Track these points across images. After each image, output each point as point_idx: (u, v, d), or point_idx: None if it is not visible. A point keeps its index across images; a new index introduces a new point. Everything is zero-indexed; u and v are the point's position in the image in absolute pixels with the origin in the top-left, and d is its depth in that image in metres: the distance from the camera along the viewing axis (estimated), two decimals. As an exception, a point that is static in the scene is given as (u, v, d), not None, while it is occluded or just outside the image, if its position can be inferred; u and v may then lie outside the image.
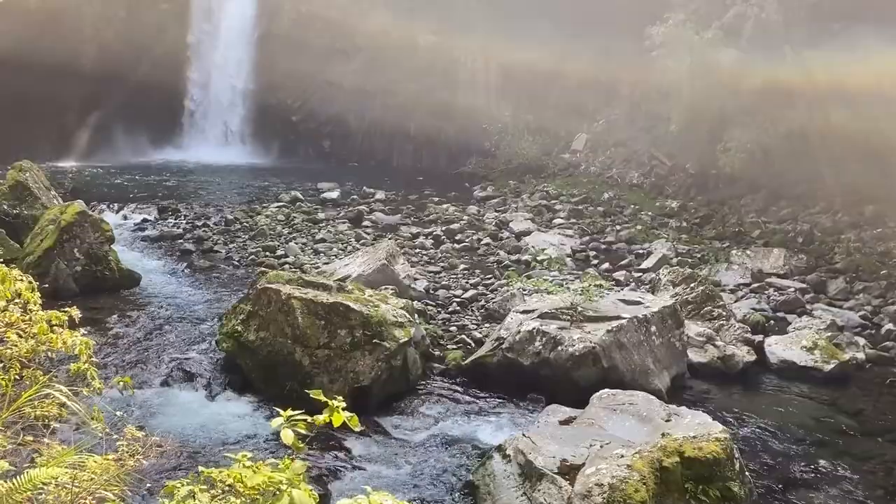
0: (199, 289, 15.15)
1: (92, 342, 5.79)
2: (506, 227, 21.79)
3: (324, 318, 10.63)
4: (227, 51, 35.05)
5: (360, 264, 15.27)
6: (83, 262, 14.15)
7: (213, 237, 19.04)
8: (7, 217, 15.58)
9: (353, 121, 34.87)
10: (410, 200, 25.56)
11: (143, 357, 11.45)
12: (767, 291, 16.25)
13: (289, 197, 23.82)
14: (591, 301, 11.86)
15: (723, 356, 12.53)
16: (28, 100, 29.45)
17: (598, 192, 25.51)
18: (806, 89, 19.85)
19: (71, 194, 20.54)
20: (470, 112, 33.44)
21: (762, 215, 21.15)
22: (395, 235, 20.04)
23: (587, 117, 31.23)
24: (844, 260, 17.52)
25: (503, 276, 16.56)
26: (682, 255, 18.76)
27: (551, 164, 29.94)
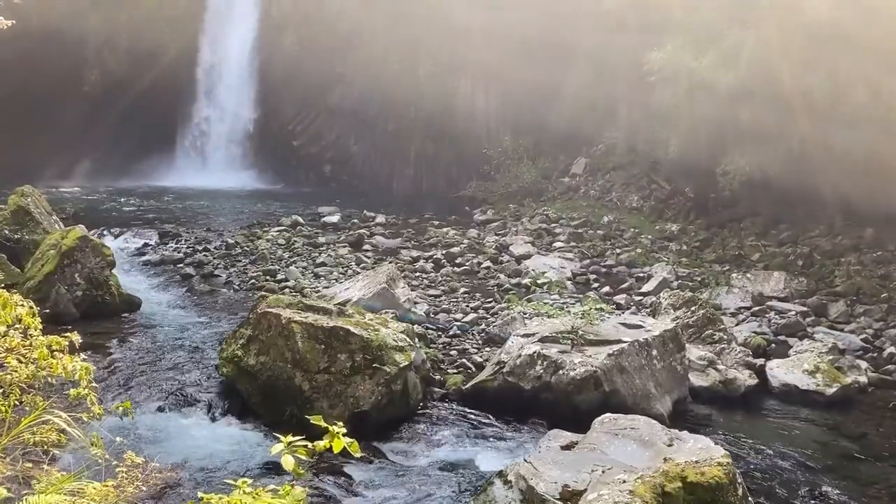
0: (199, 313, 15.14)
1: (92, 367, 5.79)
2: (506, 250, 21.82)
3: (324, 343, 10.61)
4: (229, 77, 35.37)
5: (361, 288, 15.28)
6: (84, 287, 14.16)
7: (214, 261, 19.06)
8: (8, 242, 15.62)
9: (354, 145, 35.09)
10: (411, 224, 25.62)
11: (143, 382, 11.42)
12: (768, 315, 16.23)
13: (289, 221, 23.89)
14: (591, 325, 11.84)
15: (724, 380, 12.48)
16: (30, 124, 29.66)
17: (597, 216, 25.58)
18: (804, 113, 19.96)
19: (72, 219, 20.62)
20: (469, 136, 33.65)
21: (762, 238, 21.19)
22: (395, 259, 20.06)
23: (586, 141, 31.39)
24: (845, 283, 17.52)
25: (504, 300, 16.56)
26: (682, 279, 18.76)
27: (551, 187, 30.05)
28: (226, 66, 35.48)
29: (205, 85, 35.58)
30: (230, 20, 35.60)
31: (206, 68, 35.49)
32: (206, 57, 35.53)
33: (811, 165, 20.08)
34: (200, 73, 35.44)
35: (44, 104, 30.13)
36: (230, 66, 35.43)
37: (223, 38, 35.53)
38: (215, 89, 35.60)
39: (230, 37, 35.46)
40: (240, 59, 35.44)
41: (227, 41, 35.47)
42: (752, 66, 20.27)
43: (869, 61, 18.67)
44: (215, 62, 35.56)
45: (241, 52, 35.41)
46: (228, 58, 35.44)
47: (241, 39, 35.35)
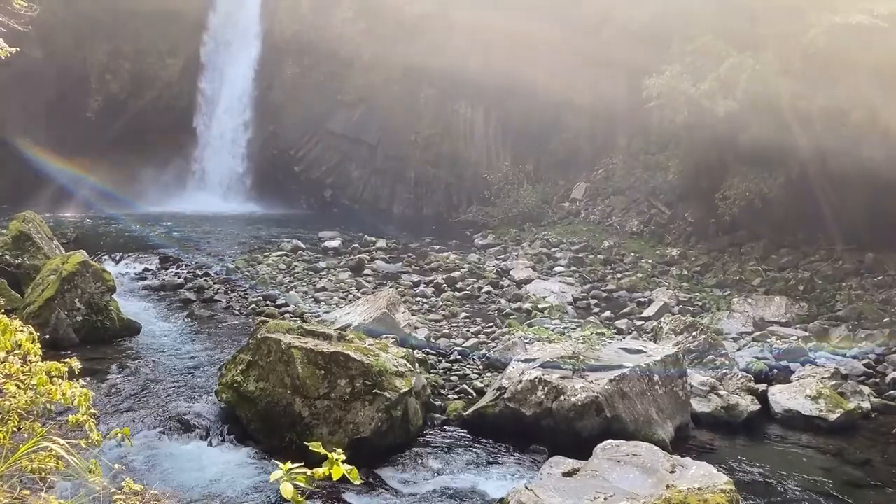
0: (199, 338, 15.09)
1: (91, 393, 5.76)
2: (506, 274, 21.81)
3: (324, 368, 10.57)
4: (230, 102, 35.60)
5: (361, 313, 15.26)
6: (84, 312, 14.14)
7: (214, 286, 19.05)
8: (9, 267, 15.62)
9: (355, 170, 35.21)
10: (411, 249, 25.65)
11: (142, 408, 11.36)
12: (770, 340, 16.18)
13: (290, 246, 23.92)
14: (593, 350, 11.81)
15: (726, 405, 12.41)
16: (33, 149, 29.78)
17: (598, 240, 25.61)
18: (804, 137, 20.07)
19: (73, 244, 20.64)
20: (470, 161, 33.81)
21: (763, 263, 21.19)
22: (395, 284, 20.05)
23: (586, 166, 31.53)
24: (846, 308, 17.50)
25: (504, 325, 16.53)
26: (683, 304, 18.74)
27: (551, 212, 30.13)
28: (227, 91, 35.73)
29: (206, 110, 35.81)
30: (232, 46, 35.94)
31: (207, 94, 35.74)
32: (207, 83, 35.80)
33: (811, 190, 20.17)
34: (201, 99, 35.69)
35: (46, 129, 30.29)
36: (231, 92, 35.68)
37: (225, 63, 35.83)
38: (216, 115, 35.82)
39: (231, 63, 35.76)
40: (241, 85, 35.70)
41: (229, 67, 35.76)
42: (750, 91, 20.43)
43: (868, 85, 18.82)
44: (216, 88, 35.82)
45: (242, 77, 35.68)
46: (230, 83, 35.70)
47: (242, 65, 35.64)
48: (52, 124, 30.50)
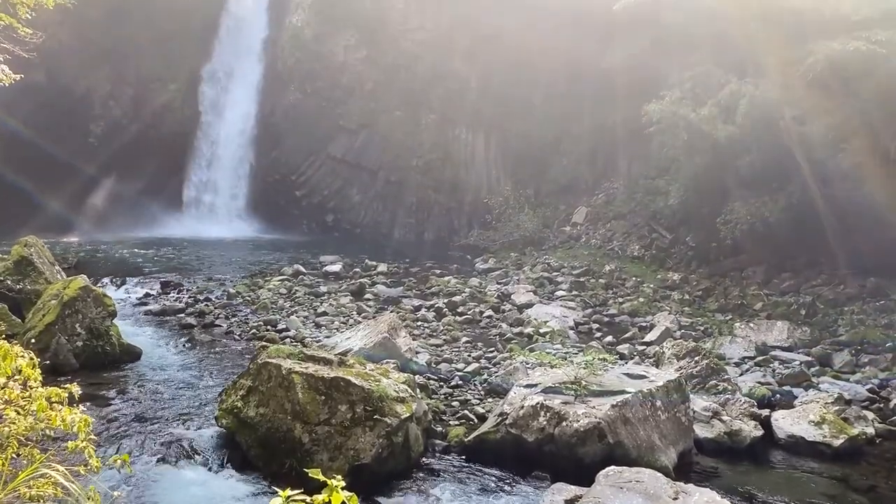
0: (199, 363, 15.04)
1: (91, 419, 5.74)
2: (508, 299, 21.78)
3: (324, 394, 10.51)
4: (232, 128, 35.85)
5: (362, 337, 15.21)
6: (84, 337, 14.11)
7: (215, 311, 19.03)
8: (10, 292, 15.62)
9: (356, 194, 35.36)
10: (412, 273, 25.65)
11: (141, 433, 11.28)
12: (772, 364, 16.11)
13: (291, 270, 23.95)
14: (595, 375, 11.75)
15: (730, 431, 12.32)
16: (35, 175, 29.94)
17: (599, 265, 25.61)
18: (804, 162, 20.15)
19: (75, 269, 20.69)
20: (471, 185, 33.96)
21: (764, 287, 21.17)
22: (396, 308, 20.03)
23: (586, 191, 31.67)
24: (849, 332, 17.44)
25: (506, 350, 16.47)
26: (685, 328, 18.69)
27: (552, 236, 30.19)
28: (229, 117, 36.01)
29: (208, 136, 36.05)
30: (234, 73, 36.28)
31: (209, 119, 36.00)
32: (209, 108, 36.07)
33: (812, 214, 20.21)
34: (203, 125, 35.94)
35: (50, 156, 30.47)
36: (233, 118, 35.96)
37: (227, 90, 36.14)
38: (219, 140, 36.06)
39: (234, 89, 36.08)
40: (243, 111, 35.98)
41: (231, 93, 36.07)
42: (750, 116, 20.56)
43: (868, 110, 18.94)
44: (218, 113, 36.09)
45: (245, 103, 35.98)
46: (232, 109, 35.99)
47: (245, 92, 35.96)
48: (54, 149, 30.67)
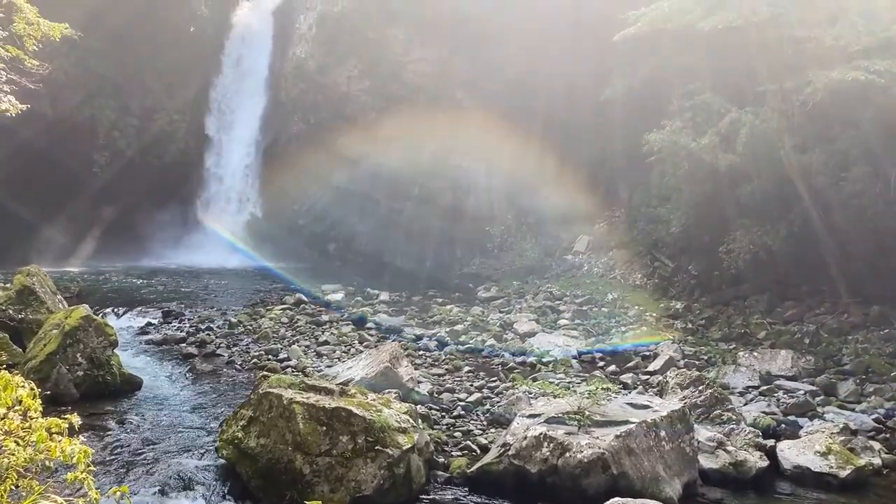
0: (200, 393, 14.97)
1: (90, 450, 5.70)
2: (510, 328, 21.71)
3: (325, 424, 10.44)
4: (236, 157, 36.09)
5: (363, 367, 15.14)
6: (85, 367, 14.06)
7: (216, 340, 18.98)
8: (12, 322, 15.61)
9: (359, 223, 35.47)
10: (414, 301, 25.61)
11: (141, 464, 11.19)
12: (777, 394, 15.98)
13: (293, 299, 23.93)
14: (598, 405, 11.66)
15: (735, 462, 12.19)
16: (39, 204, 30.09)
17: (601, 293, 25.55)
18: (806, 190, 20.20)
19: (77, 298, 20.71)
20: (473, 214, 34.05)
21: (767, 316, 21.09)
22: (398, 337, 19.97)
23: (588, 219, 31.72)
24: (853, 361, 17.33)
25: (508, 379, 16.37)
26: (688, 357, 18.59)
27: (554, 264, 30.19)
28: (233, 147, 36.27)
29: (211, 165, 36.27)
30: (239, 103, 36.61)
31: (212, 149, 36.26)
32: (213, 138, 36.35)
33: (814, 243, 20.20)
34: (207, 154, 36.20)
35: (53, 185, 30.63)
36: (237, 148, 36.23)
37: (231, 119, 36.45)
38: (222, 170, 36.28)
39: (238, 119, 36.39)
40: (247, 141, 36.26)
41: (236, 123, 36.38)
42: (750, 145, 20.65)
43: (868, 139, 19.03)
44: (222, 143, 36.36)
45: (248, 133, 36.27)
46: (236, 139, 36.26)
47: (249, 122, 36.27)
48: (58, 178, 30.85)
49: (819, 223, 19.93)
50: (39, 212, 30.09)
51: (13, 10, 17.50)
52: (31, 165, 30.25)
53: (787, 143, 20.18)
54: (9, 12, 17.87)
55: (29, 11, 17.86)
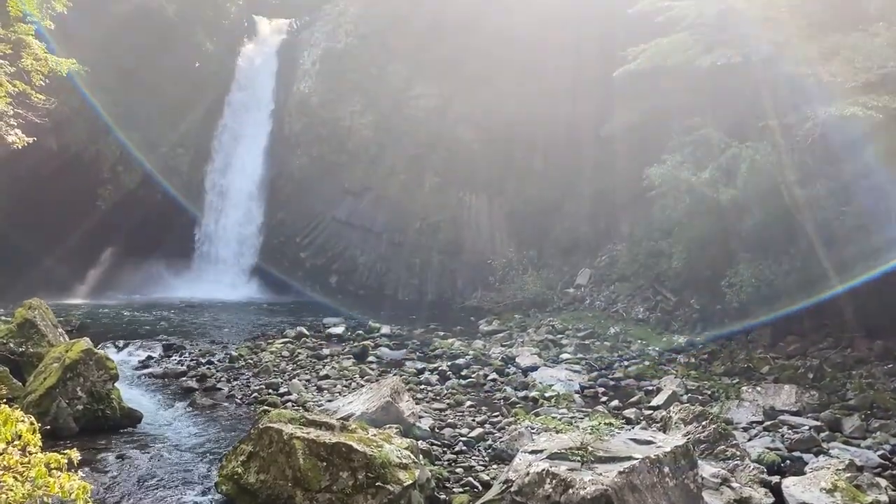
0: (200, 428, 14.87)
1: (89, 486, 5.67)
2: (512, 362, 21.60)
3: (326, 460, 10.35)
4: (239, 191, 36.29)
5: (364, 402, 15.05)
6: (85, 401, 13.99)
7: (217, 374, 18.91)
8: (13, 355, 15.58)
9: (360, 256, 35.53)
10: (416, 335, 25.53)
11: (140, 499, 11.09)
12: (781, 429, 15.84)
13: (294, 332, 23.88)
14: (601, 440, 11.56)
15: (739, 498, 12.05)
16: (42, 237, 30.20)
17: (603, 327, 25.48)
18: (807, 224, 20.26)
19: (78, 331, 20.69)
20: (474, 247, 34.12)
21: (770, 350, 21.00)
22: (399, 371, 19.87)
23: (589, 252, 31.77)
24: (858, 396, 17.20)
25: (510, 414, 16.24)
26: (691, 392, 18.46)
27: (556, 298, 30.14)
28: (236, 181, 36.50)
29: (214, 199, 36.47)
30: (243, 138, 36.93)
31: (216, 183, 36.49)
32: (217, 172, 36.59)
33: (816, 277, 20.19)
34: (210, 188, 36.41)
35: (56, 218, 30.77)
36: (241, 181, 36.45)
37: (235, 154, 36.74)
38: (225, 203, 36.46)
39: (242, 153, 36.68)
40: (250, 175, 36.49)
41: (239, 157, 36.66)
42: (751, 180, 20.76)
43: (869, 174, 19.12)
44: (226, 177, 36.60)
45: (251, 167, 36.52)
46: (239, 173, 36.51)
47: (252, 156, 36.55)
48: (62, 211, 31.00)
49: (821, 257, 19.95)
50: (42, 244, 30.19)
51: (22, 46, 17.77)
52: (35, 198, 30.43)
53: (788, 178, 20.29)
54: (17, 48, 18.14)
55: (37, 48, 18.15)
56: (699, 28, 21.46)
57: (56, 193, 31.14)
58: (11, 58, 17.81)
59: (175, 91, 34.97)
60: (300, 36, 39.23)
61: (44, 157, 28.79)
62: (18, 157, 23.17)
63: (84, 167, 32.74)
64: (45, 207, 30.69)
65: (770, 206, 21.02)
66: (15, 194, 29.70)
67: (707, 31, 21.38)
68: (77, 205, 31.91)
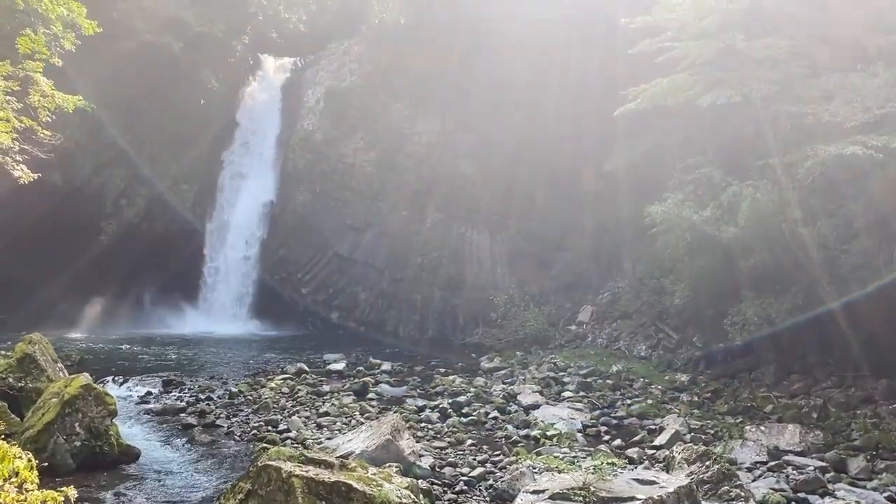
0: (198, 465, 14.72)
1: (85, 526, 5.59)
2: (514, 399, 21.43)
3: (325, 499, 10.21)
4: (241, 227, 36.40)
5: (364, 439, 14.90)
6: (83, 437, 13.87)
7: (216, 410, 18.78)
8: (12, 390, 15.49)
9: (362, 292, 35.50)
10: (416, 371, 25.38)
11: (135, 540, 10.94)
12: (786, 470, 15.64)
13: (294, 369, 23.76)
14: (604, 480, 11.43)
15: (745, 541, 11.87)
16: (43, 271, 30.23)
17: (606, 365, 25.34)
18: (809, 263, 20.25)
19: (78, 366, 20.60)
20: (476, 283, 34.08)
21: (774, 389, 20.84)
22: (400, 408, 19.72)
23: (591, 289, 31.73)
24: (863, 437, 17.01)
25: (512, 453, 16.08)
26: (695, 431, 18.29)
27: (557, 335, 30.03)
28: (239, 216, 36.67)
29: (217, 234, 36.59)
30: (247, 174, 37.21)
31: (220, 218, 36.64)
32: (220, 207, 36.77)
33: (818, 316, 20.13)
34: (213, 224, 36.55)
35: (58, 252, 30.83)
36: (244, 217, 36.62)
37: (239, 189, 36.97)
38: (227, 238, 36.57)
39: (245, 189, 36.91)
40: (253, 210, 36.67)
41: (243, 193, 36.88)
42: (752, 218, 20.81)
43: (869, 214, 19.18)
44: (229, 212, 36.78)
45: (255, 203, 36.72)
46: (242, 208, 36.69)
47: (255, 191, 36.77)
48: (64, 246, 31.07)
49: (823, 295, 19.91)
50: (43, 277, 30.19)
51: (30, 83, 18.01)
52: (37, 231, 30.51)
53: (789, 216, 20.34)
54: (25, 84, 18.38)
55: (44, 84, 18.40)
56: (699, 68, 21.71)
57: (59, 226, 31.25)
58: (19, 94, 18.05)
59: (180, 127, 35.30)
60: (304, 74, 39.73)
61: (48, 191, 28.91)
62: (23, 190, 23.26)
63: (87, 201, 32.89)
64: (47, 240, 30.77)
65: (772, 244, 21.04)
66: (18, 227, 29.79)
67: (707, 71, 21.62)
68: (79, 238, 32.00)
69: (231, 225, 36.65)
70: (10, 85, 17.26)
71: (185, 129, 35.46)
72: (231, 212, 36.78)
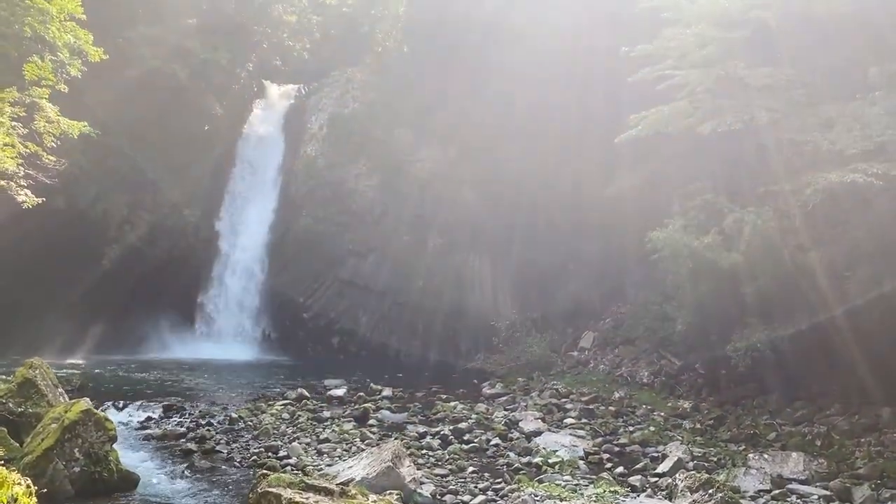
0: (197, 491, 14.62)
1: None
2: (515, 426, 21.30)
3: (326, 526, 10.15)
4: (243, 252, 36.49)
5: (365, 466, 14.82)
6: (82, 463, 13.80)
7: (216, 436, 18.68)
8: (11, 415, 15.44)
9: (363, 317, 35.49)
10: (417, 398, 25.26)
11: (133, 567, 10.85)
12: (790, 498, 15.49)
13: (295, 394, 23.68)
14: (605, 509, 11.35)
15: (749, 571, 11.74)
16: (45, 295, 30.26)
17: (608, 391, 25.23)
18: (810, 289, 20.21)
19: (78, 391, 20.54)
20: (477, 308, 34.05)
21: (777, 416, 20.71)
22: (401, 435, 19.61)
23: (593, 315, 31.68)
24: (867, 465, 16.86)
25: (514, 481, 15.95)
26: (697, 459, 18.15)
27: (559, 361, 29.92)
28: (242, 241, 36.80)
29: (219, 259, 36.67)
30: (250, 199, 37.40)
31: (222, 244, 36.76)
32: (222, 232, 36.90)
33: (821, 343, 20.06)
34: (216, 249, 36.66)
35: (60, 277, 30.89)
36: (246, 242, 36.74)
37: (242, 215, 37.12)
38: (229, 263, 36.64)
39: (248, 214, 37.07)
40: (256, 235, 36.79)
41: (245, 218, 37.03)
42: (753, 245, 20.83)
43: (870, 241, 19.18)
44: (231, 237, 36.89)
45: (257, 228, 36.84)
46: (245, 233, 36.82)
47: (258, 217, 36.92)
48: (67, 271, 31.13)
49: (825, 322, 19.85)
50: (44, 302, 30.22)
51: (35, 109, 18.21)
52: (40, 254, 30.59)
53: (790, 243, 20.36)
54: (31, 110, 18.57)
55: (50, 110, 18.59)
56: (700, 95, 21.87)
57: (62, 250, 31.33)
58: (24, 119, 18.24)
59: (184, 152, 35.53)
60: (308, 101, 40.08)
61: (51, 216, 29.03)
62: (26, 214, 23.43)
63: (91, 226, 33.02)
64: (49, 264, 30.83)
65: (774, 271, 21.03)
66: (20, 251, 29.87)
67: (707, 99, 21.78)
68: (82, 263, 32.08)
69: (233, 250, 36.74)
70: (17, 111, 17.44)
71: (189, 155, 35.69)
72: (233, 237, 36.89)
